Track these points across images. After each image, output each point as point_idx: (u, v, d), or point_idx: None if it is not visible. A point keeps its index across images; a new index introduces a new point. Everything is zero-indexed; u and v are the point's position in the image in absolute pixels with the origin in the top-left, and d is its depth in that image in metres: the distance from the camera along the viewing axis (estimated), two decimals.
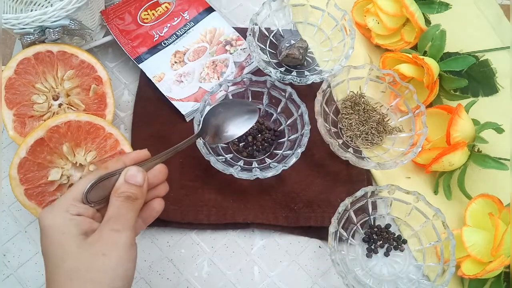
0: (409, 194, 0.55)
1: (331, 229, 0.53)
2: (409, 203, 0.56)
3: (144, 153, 0.46)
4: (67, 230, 0.39)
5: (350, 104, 0.62)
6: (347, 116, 0.62)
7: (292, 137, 0.60)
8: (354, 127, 0.61)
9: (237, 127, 0.54)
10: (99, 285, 0.38)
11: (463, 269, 0.53)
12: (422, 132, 0.57)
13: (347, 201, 0.54)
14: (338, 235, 0.54)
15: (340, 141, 0.60)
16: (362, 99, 0.62)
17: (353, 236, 0.57)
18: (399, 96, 0.61)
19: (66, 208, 0.40)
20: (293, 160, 0.55)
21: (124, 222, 0.40)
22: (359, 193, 0.55)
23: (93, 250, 0.38)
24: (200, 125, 0.55)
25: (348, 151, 0.57)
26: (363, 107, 0.62)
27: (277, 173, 0.54)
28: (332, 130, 0.61)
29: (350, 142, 0.61)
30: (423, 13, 0.63)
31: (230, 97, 0.61)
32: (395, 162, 0.56)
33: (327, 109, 0.61)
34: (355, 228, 0.57)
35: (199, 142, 0.55)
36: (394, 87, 0.61)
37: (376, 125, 0.61)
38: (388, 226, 0.58)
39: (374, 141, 0.60)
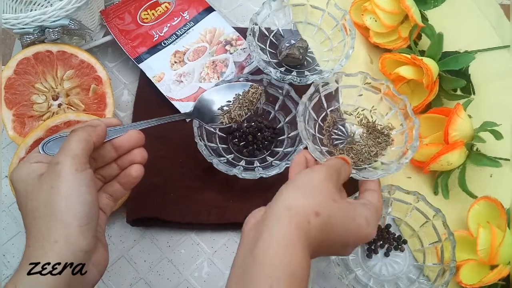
0: (409, 194, 0.55)
1: None
2: (409, 203, 0.56)
3: (115, 120, 0.48)
4: (26, 177, 0.41)
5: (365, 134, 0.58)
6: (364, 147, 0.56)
7: (292, 134, 0.60)
8: (364, 152, 0.56)
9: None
10: (58, 215, 0.39)
11: (461, 276, 0.53)
12: (413, 124, 0.54)
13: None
14: None
15: (325, 149, 0.57)
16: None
17: None
18: (377, 94, 0.58)
19: (27, 160, 0.43)
20: None
21: (65, 152, 0.41)
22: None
23: (44, 186, 0.40)
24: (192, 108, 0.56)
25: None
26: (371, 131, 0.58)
27: (281, 171, 0.54)
28: (317, 136, 0.57)
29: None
30: (420, 10, 0.63)
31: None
32: (399, 163, 0.53)
33: (314, 115, 0.57)
34: None
35: (200, 145, 0.55)
36: (370, 88, 0.58)
37: (378, 137, 0.57)
38: (388, 226, 0.58)
39: (378, 154, 0.56)
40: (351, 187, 0.54)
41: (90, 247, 0.40)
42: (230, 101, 0.57)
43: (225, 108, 0.57)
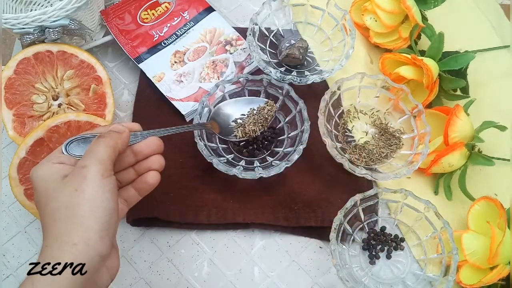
0: (396, 193, 0.55)
1: (332, 247, 0.53)
2: (398, 201, 0.57)
3: (136, 125, 0.48)
4: (48, 177, 0.41)
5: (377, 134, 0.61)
6: (375, 147, 0.60)
7: (292, 134, 0.60)
8: (375, 152, 0.59)
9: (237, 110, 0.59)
10: (80, 219, 0.39)
11: (460, 277, 0.53)
12: (425, 131, 0.57)
13: (340, 215, 0.54)
14: (339, 251, 0.54)
15: (339, 145, 0.59)
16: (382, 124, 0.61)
17: (352, 247, 0.57)
18: (393, 98, 0.61)
19: (49, 159, 0.43)
20: (295, 157, 0.55)
21: (92, 157, 0.41)
22: (348, 204, 0.54)
23: (67, 188, 0.40)
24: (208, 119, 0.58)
25: (345, 157, 0.57)
26: (382, 133, 0.61)
27: (281, 171, 0.54)
28: (333, 133, 0.60)
29: (358, 160, 0.59)
30: (420, 10, 0.63)
31: (227, 98, 0.61)
32: (409, 168, 0.55)
33: (332, 111, 0.60)
34: (351, 238, 0.57)
35: (200, 145, 0.55)
36: (387, 90, 0.61)
37: (389, 139, 0.60)
38: (383, 228, 0.57)
39: (388, 156, 0.59)
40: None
41: (107, 252, 0.40)
42: (244, 115, 0.59)
43: (239, 121, 0.58)
